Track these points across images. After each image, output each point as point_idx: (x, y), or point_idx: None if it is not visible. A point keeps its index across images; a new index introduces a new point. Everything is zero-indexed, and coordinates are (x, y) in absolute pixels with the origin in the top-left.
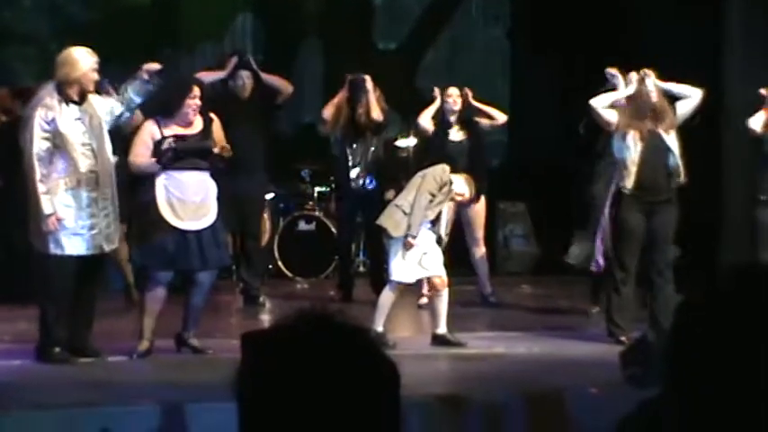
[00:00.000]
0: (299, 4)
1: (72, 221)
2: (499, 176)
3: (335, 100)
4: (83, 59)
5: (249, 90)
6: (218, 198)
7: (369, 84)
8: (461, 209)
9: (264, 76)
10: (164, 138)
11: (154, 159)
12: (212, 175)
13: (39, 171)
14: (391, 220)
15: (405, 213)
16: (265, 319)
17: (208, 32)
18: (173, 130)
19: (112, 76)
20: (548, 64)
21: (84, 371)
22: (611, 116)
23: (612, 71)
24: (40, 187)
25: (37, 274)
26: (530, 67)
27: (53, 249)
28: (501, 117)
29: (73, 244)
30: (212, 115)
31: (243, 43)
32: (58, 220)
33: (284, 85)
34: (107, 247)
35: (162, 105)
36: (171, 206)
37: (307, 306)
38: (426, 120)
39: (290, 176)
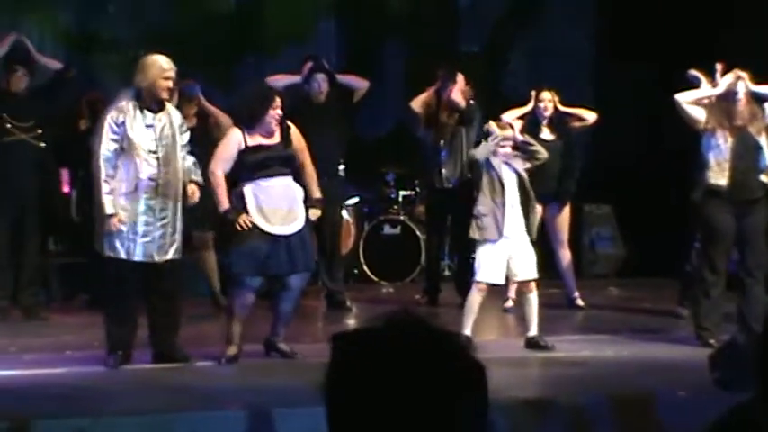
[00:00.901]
0: (383, 7)
1: (125, 226)
2: (585, 179)
3: (424, 96)
4: (153, 67)
5: (325, 94)
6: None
7: (459, 75)
8: (547, 212)
9: (339, 76)
10: (247, 148)
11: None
12: (296, 180)
13: (104, 172)
14: (475, 227)
15: (484, 215)
16: (351, 323)
17: (291, 37)
18: (256, 140)
19: (198, 81)
20: (632, 67)
21: (173, 376)
22: (699, 113)
23: (694, 72)
24: (104, 187)
25: (98, 277)
26: (614, 71)
27: (107, 251)
28: (591, 116)
29: (123, 248)
30: (289, 123)
31: (326, 47)
32: (120, 222)
33: (359, 82)
34: (158, 257)
35: (247, 115)
36: (261, 212)
37: (396, 310)
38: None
39: (374, 180)
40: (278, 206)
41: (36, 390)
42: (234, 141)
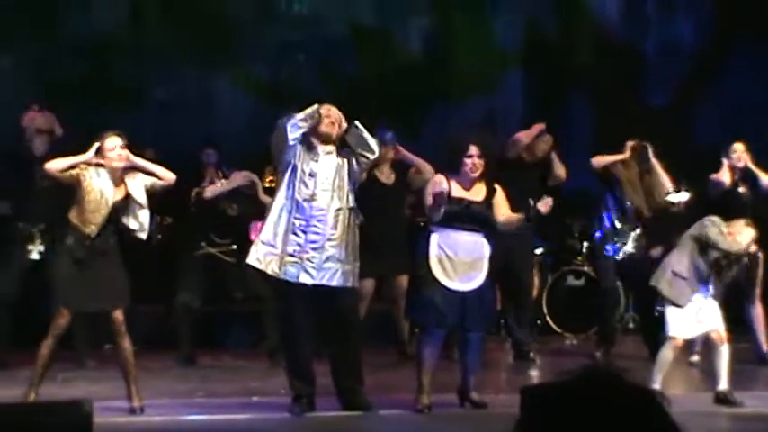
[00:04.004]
0: (571, 58)
1: (277, 243)
2: None
3: (609, 158)
4: (317, 111)
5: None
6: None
7: (651, 152)
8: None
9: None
10: (450, 197)
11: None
12: (487, 236)
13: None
14: (664, 281)
15: (682, 278)
16: (535, 374)
17: (478, 87)
18: (458, 192)
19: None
20: None
21: (358, 424)
22: None
23: None
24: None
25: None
26: None
27: (253, 260)
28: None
29: (269, 262)
30: (496, 186)
31: (512, 97)
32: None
33: (561, 171)
34: (306, 280)
35: (447, 163)
36: (441, 264)
37: (589, 364)
38: (725, 175)
39: (558, 231)
40: (461, 258)
41: None
42: (438, 185)
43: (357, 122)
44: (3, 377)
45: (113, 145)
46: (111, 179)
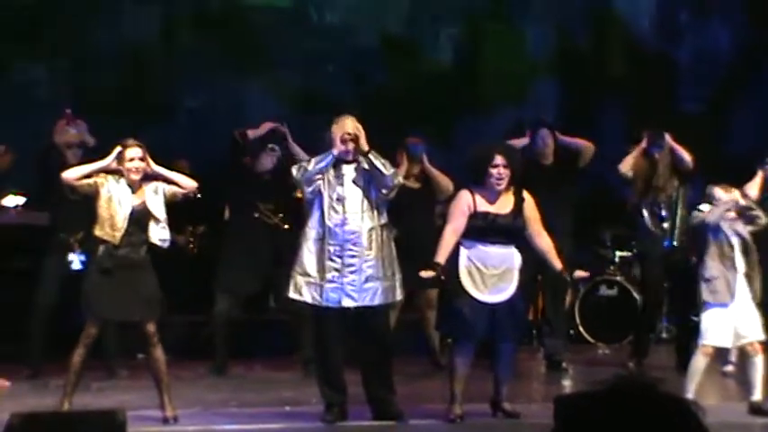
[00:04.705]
0: (602, 65)
1: (313, 270)
2: None
3: (632, 158)
4: (336, 126)
5: (551, 154)
6: (521, 269)
7: (667, 137)
8: None
9: (563, 138)
10: (476, 213)
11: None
12: (517, 247)
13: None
14: (707, 291)
15: (715, 278)
16: (568, 384)
17: (508, 97)
18: (484, 206)
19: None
20: None
21: None
22: None
23: None
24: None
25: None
26: None
27: (291, 293)
28: None
29: (308, 292)
30: (525, 194)
31: (544, 108)
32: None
33: (585, 146)
34: (349, 303)
35: (472, 177)
36: (471, 276)
37: (622, 373)
38: (753, 187)
39: (590, 241)
40: (490, 270)
41: None
42: (463, 203)
43: (371, 154)
44: (35, 387)
45: (132, 156)
46: (130, 187)
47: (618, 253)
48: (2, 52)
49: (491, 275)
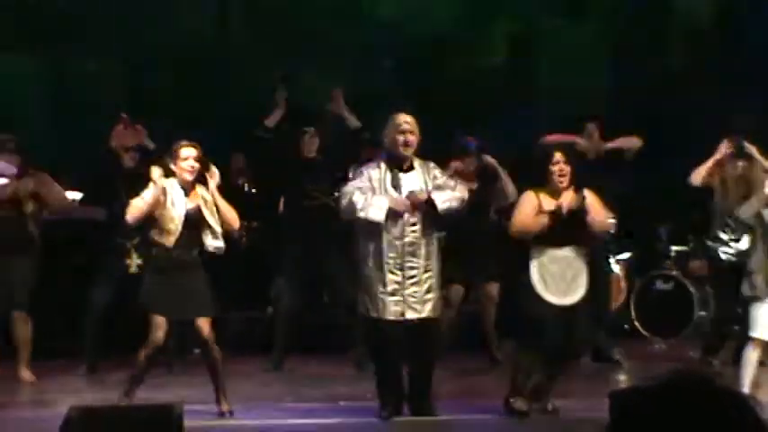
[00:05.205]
0: (661, 56)
1: (374, 283)
2: None
3: (705, 167)
4: (391, 123)
5: (596, 149)
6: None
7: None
8: None
9: (608, 144)
10: (542, 212)
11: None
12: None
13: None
14: (747, 284)
15: (755, 272)
16: (621, 379)
17: (563, 93)
18: (549, 205)
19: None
20: None
21: (446, 428)
22: None
23: None
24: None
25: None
26: None
27: (360, 308)
28: None
29: (373, 306)
30: (585, 192)
31: (598, 103)
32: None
33: (630, 143)
34: (409, 315)
35: (536, 177)
36: (543, 279)
37: (682, 367)
38: None
39: (646, 235)
40: (561, 275)
41: None
42: (529, 204)
43: (438, 204)
44: (93, 381)
45: (187, 155)
46: (183, 188)
47: (673, 248)
48: (55, 52)
49: (562, 280)
